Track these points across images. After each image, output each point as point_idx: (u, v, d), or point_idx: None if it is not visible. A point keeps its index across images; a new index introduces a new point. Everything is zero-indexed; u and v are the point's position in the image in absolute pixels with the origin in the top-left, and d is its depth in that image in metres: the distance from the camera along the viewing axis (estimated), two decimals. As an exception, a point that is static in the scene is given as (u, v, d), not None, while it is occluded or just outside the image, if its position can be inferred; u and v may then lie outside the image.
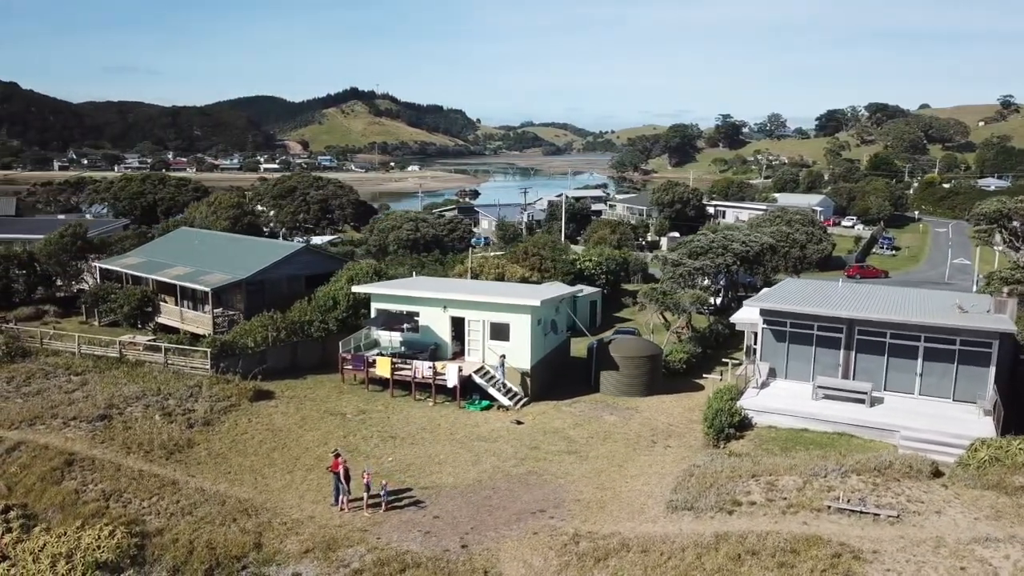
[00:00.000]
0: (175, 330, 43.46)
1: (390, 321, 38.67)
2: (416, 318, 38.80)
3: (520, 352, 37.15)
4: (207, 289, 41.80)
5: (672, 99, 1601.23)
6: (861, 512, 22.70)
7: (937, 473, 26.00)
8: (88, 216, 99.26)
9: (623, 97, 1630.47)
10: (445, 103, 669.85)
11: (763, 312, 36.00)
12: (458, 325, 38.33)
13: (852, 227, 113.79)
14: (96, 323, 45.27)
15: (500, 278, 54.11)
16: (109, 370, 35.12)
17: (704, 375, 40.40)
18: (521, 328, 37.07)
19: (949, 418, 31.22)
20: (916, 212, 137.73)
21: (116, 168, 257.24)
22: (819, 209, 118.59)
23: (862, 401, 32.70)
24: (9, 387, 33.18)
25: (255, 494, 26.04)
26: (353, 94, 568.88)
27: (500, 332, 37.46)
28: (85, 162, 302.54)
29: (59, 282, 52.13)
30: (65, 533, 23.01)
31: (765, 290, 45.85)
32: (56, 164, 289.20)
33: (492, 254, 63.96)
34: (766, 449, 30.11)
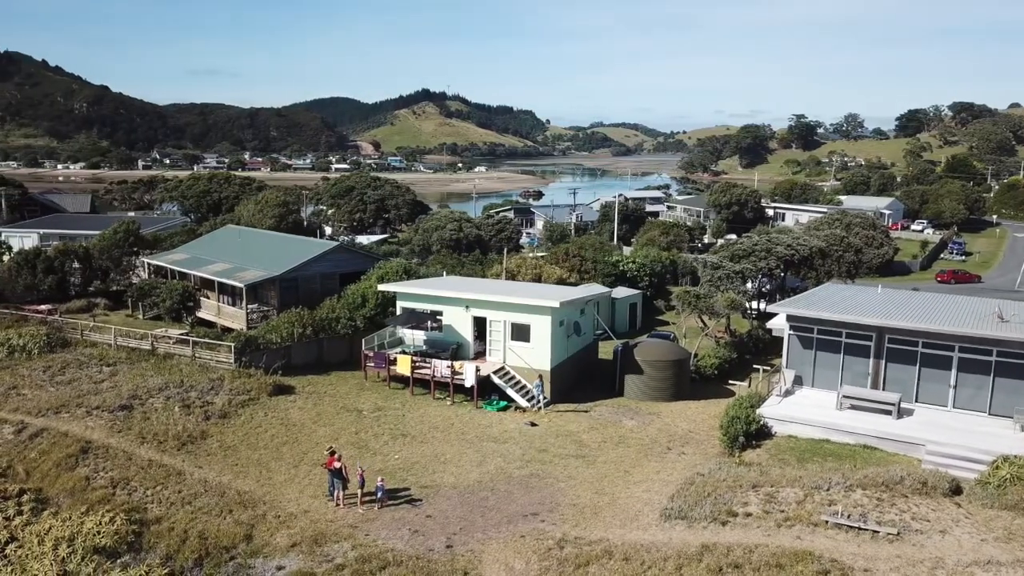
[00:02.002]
0: (213, 324, 44.78)
1: (412, 320, 38.96)
2: (439, 317, 38.97)
3: (540, 353, 36.89)
4: (241, 285, 42.89)
5: (747, 99, 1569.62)
6: (859, 528, 21.76)
7: (956, 490, 24.79)
8: (156, 214, 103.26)
9: (696, 97, 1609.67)
10: (515, 104, 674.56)
11: (789, 318, 34.89)
12: (480, 325, 38.34)
13: (921, 231, 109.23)
14: (140, 316, 46.97)
15: (537, 279, 53.87)
16: (140, 362, 36.38)
17: (731, 381, 39.39)
18: (541, 329, 36.79)
19: (982, 433, 29.63)
20: (995, 216, 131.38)
21: (195, 167, 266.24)
22: (887, 212, 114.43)
23: (889, 413, 31.33)
24: (44, 376, 34.70)
25: (257, 487, 26.55)
26: (424, 95, 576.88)
27: (521, 333, 37.28)
28: (167, 162, 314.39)
29: (113, 276, 54.25)
30: (70, 518, 23.94)
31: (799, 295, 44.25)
32: (140, 164, 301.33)
33: (531, 255, 63.74)
34: (781, 459, 29.14)
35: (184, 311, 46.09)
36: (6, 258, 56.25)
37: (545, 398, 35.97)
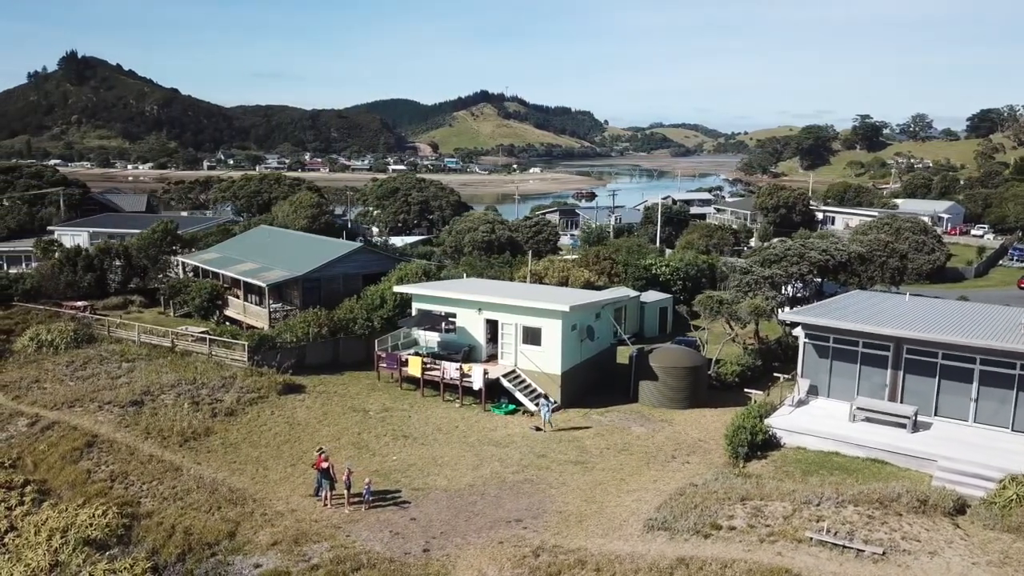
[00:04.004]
0: (240, 323, 45.75)
1: (427, 321, 39.11)
2: (453, 319, 39.05)
3: (551, 357, 36.61)
4: (264, 284, 43.70)
5: (812, 99, 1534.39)
6: (844, 547, 20.93)
7: (960, 510, 23.73)
8: (208, 213, 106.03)
9: (759, 97, 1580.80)
10: (574, 105, 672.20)
11: (804, 326, 33.88)
12: (492, 328, 38.27)
13: (981, 236, 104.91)
14: (171, 314, 48.26)
15: (564, 282, 53.56)
16: (158, 359, 37.33)
17: (746, 390, 38.40)
18: (552, 333, 36.51)
19: (1001, 450, 28.25)
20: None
21: (257, 168, 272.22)
22: (946, 216, 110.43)
23: (903, 426, 30.14)
24: (67, 370, 35.91)
25: (250, 484, 26.95)
26: (483, 97, 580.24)
27: (532, 336, 37.08)
28: (231, 162, 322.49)
29: (151, 275, 55.83)
30: (66, 509, 24.64)
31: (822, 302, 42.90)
32: (205, 164, 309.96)
33: (559, 257, 63.32)
34: (786, 472, 28.29)
35: (213, 309, 47.17)
36: (58, 255, 58.40)
37: (555, 404, 35.59)
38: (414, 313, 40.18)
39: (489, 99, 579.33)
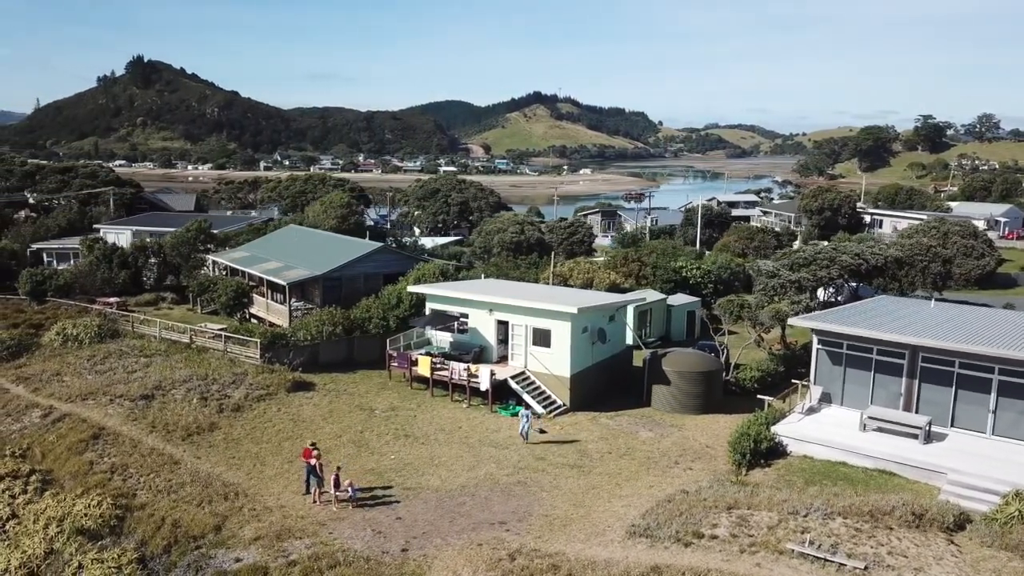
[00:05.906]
0: (263, 320, 46.54)
1: (437, 321, 39.21)
2: (465, 320, 39.07)
3: (560, 359, 36.33)
4: (285, 283, 44.38)
5: (873, 99, 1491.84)
6: (825, 560, 20.23)
7: (961, 525, 22.75)
8: (254, 213, 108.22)
9: (818, 98, 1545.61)
10: (627, 106, 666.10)
11: (817, 332, 32.95)
12: (503, 329, 38.17)
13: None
14: (199, 311, 49.36)
15: (589, 284, 53.12)
16: (176, 355, 38.20)
17: (759, 396, 37.50)
18: (561, 335, 36.22)
19: (1017, 463, 27.02)
20: None
21: (311, 168, 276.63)
22: (1003, 220, 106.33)
23: (915, 436, 29.04)
24: (87, 364, 37.02)
25: (245, 479, 27.34)
26: (536, 98, 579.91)
27: (542, 338, 36.84)
28: (287, 163, 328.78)
29: (184, 272, 57.20)
30: (65, 499, 25.39)
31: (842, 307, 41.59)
32: (262, 165, 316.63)
33: (587, 259, 62.81)
34: (788, 481, 27.54)
35: (238, 307, 48.06)
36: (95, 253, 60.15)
37: (556, 402, 35.31)
38: (427, 313, 40.33)
39: (542, 100, 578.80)
